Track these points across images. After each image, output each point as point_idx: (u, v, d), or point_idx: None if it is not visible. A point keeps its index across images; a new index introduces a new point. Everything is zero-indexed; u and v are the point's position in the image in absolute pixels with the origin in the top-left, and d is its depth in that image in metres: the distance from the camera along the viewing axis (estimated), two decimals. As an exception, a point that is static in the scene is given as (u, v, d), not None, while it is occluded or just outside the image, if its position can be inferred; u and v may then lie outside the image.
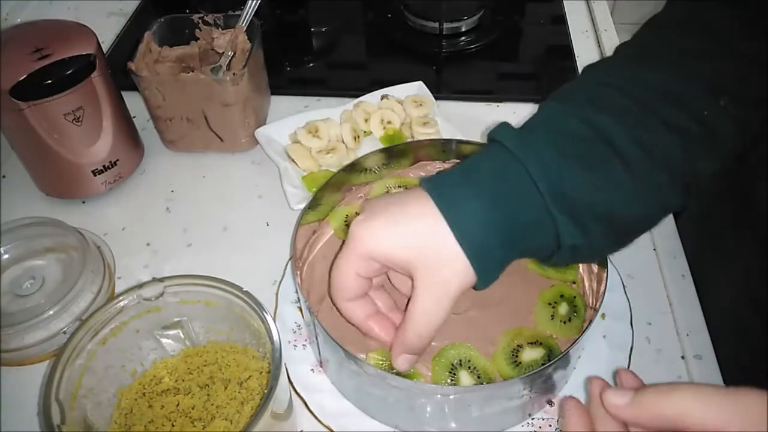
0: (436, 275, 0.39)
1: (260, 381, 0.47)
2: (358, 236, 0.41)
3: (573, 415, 0.35)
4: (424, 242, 0.39)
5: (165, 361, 0.49)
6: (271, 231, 0.65)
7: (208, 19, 0.73)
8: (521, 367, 0.48)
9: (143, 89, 0.67)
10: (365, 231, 0.41)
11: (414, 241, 0.39)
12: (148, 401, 0.47)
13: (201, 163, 0.72)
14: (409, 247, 0.39)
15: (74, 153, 0.64)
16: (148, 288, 0.46)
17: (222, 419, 0.45)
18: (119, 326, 0.46)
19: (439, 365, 0.48)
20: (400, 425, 0.48)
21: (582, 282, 0.54)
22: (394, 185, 0.61)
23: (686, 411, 0.30)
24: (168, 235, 0.65)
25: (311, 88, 0.81)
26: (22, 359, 0.54)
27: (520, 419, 0.49)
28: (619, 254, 0.58)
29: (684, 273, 0.60)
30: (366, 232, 0.40)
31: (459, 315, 0.52)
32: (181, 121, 0.69)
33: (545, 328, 0.50)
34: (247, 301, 0.45)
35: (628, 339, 0.52)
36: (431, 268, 0.39)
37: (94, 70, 0.61)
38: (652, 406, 0.32)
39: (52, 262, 0.58)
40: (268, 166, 0.70)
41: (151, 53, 0.71)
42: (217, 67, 0.70)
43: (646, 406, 0.32)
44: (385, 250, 0.40)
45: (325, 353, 0.49)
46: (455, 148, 0.60)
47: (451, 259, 0.39)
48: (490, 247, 0.39)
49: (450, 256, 0.39)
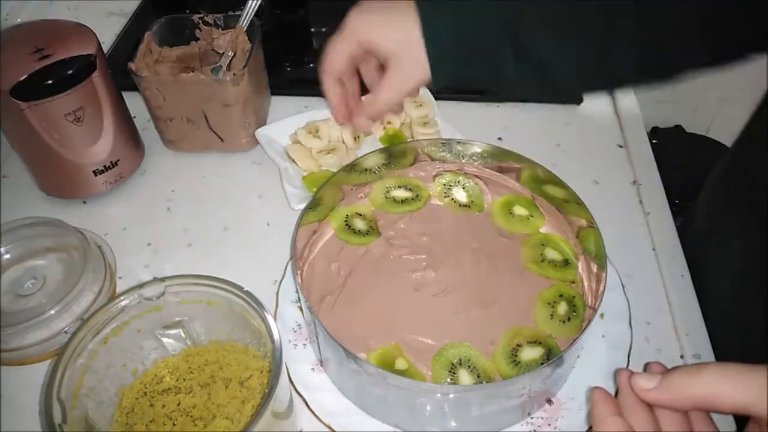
0: (405, 65, 0.51)
1: (261, 380, 0.47)
2: (356, 25, 0.51)
3: (600, 404, 0.36)
4: (402, 41, 0.51)
5: (166, 360, 0.50)
6: (271, 231, 0.65)
7: (209, 19, 0.73)
8: (520, 366, 0.48)
9: (144, 89, 0.67)
10: (363, 23, 0.52)
11: (396, 38, 0.51)
12: (149, 400, 0.47)
13: (201, 163, 0.72)
14: (392, 42, 0.51)
15: (75, 153, 0.64)
16: (149, 288, 0.46)
17: (223, 418, 0.46)
18: (120, 326, 0.46)
19: (439, 364, 0.48)
20: (400, 424, 0.49)
21: (581, 281, 0.54)
22: (394, 185, 0.62)
23: (715, 391, 0.32)
24: (169, 234, 0.65)
25: (311, 89, 0.80)
26: (23, 359, 0.54)
27: (520, 418, 0.49)
28: (619, 254, 0.58)
29: (683, 273, 0.60)
30: (363, 24, 0.52)
31: (459, 314, 0.52)
32: (182, 122, 0.69)
33: (544, 328, 0.51)
34: (248, 300, 0.45)
35: (627, 338, 0.52)
36: (403, 59, 0.51)
37: (94, 70, 0.61)
38: (681, 387, 0.33)
39: (53, 262, 0.58)
40: (269, 166, 0.70)
41: (151, 53, 0.71)
42: (217, 68, 0.70)
43: (674, 388, 0.33)
44: (375, 39, 0.51)
45: (326, 352, 0.49)
46: (455, 148, 0.61)
47: (418, 57, 0.50)
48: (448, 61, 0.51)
49: (419, 57, 0.50)
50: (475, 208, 0.61)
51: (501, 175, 0.61)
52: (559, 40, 0.49)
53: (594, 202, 0.55)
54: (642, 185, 0.69)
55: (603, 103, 0.79)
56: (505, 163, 0.60)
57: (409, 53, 0.50)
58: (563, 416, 0.49)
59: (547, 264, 0.55)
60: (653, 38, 0.48)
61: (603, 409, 0.36)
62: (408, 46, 0.50)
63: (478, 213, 0.60)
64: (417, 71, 0.51)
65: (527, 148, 0.59)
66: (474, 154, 0.61)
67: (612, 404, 0.36)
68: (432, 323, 0.51)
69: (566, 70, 0.51)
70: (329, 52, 0.53)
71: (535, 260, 0.55)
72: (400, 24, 0.50)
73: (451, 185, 0.62)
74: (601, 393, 0.37)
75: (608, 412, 0.36)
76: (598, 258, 0.52)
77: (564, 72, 0.51)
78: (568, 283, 0.54)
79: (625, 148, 0.73)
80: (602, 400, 0.36)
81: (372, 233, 0.58)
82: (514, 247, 0.57)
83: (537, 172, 0.58)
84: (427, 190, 0.62)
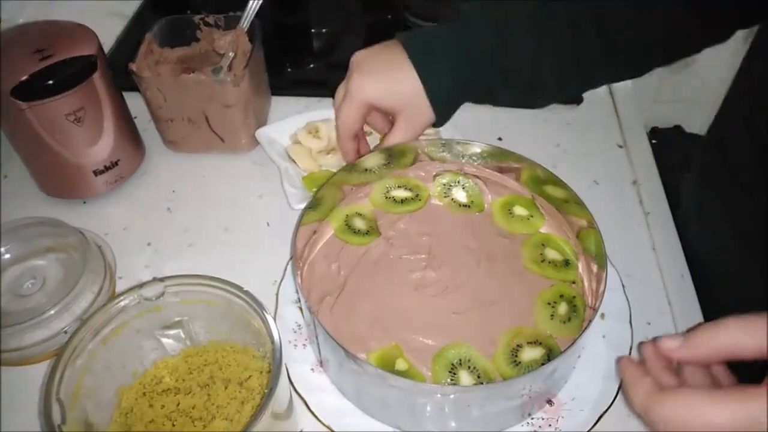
0: (412, 114, 0.59)
1: (260, 381, 0.47)
2: (360, 89, 0.58)
3: (629, 369, 0.39)
4: (407, 97, 0.58)
5: (165, 360, 0.50)
6: (271, 231, 0.65)
7: (209, 20, 0.74)
8: (521, 366, 0.48)
9: (144, 90, 0.67)
10: (367, 86, 0.58)
11: (400, 96, 0.58)
12: (148, 401, 0.47)
13: (202, 164, 0.72)
14: (396, 99, 0.58)
15: (75, 153, 0.64)
16: (148, 288, 0.46)
17: (222, 419, 0.46)
18: (120, 326, 0.46)
19: (439, 365, 0.48)
20: (401, 425, 0.48)
21: (581, 282, 0.54)
22: (394, 185, 0.62)
23: (738, 340, 0.35)
24: (169, 235, 0.65)
25: (312, 89, 0.81)
26: (23, 359, 0.54)
27: (520, 419, 0.49)
28: (619, 254, 0.58)
29: (683, 272, 0.60)
30: (368, 87, 0.58)
31: (459, 315, 0.52)
32: (182, 122, 0.69)
33: (545, 328, 0.51)
34: (248, 300, 0.45)
35: (627, 338, 0.52)
36: (409, 112, 0.59)
37: (95, 70, 0.61)
38: (706, 342, 0.36)
39: (52, 262, 0.58)
40: (269, 166, 0.70)
41: (152, 54, 0.71)
42: (218, 68, 0.70)
43: (699, 343, 0.37)
44: (382, 99, 0.58)
45: (326, 353, 0.49)
46: (455, 148, 0.61)
47: (423, 108, 0.58)
48: (448, 101, 0.59)
49: (423, 106, 0.58)
50: (475, 208, 0.61)
51: (501, 176, 0.61)
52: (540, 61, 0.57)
53: (594, 203, 0.55)
54: (642, 185, 0.69)
55: (603, 104, 0.79)
56: (505, 163, 0.60)
57: (415, 104, 0.58)
58: (563, 417, 0.49)
59: (548, 264, 0.55)
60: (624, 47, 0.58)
61: (633, 373, 0.38)
62: (413, 99, 0.58)
63: (478, 213, 0.60)
64: (423, 117, 0.59)
65: (527, 148, 0.59)
66: (474, 154, 0.61)
67: (640, 368, 0.39)
68: (432, 323, 0.51)
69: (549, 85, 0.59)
70: (341, 116, 0.59)
71: (535, 260, 0.55)
72: (402, 81, 0.57)
73: (451, 185, 0.62)
74: (627, 359, 0.40)
75: (638, 375, 0.38)
76: (598, 258, 0.52)
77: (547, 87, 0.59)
78: (569, 283, 0.54)
79: (625, 148, 0.73)
80: (630, 365, 0.39)
81: (372, 233, 0.58)
82: (514, 248, 0.57)
83: (537, 173, 0.58)
84: (427, 190, 0.62)
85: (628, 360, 0.40)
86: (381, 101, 0.58)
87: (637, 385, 0.37)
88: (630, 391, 0.38)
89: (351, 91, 0.58)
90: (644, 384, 0.37)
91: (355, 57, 0.59)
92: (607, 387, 0.49)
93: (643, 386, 0.37)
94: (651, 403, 0.36)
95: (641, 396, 0.37)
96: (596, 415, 0.48)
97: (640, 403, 0.37)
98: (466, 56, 0.57)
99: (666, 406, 0.35)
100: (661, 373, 0.38)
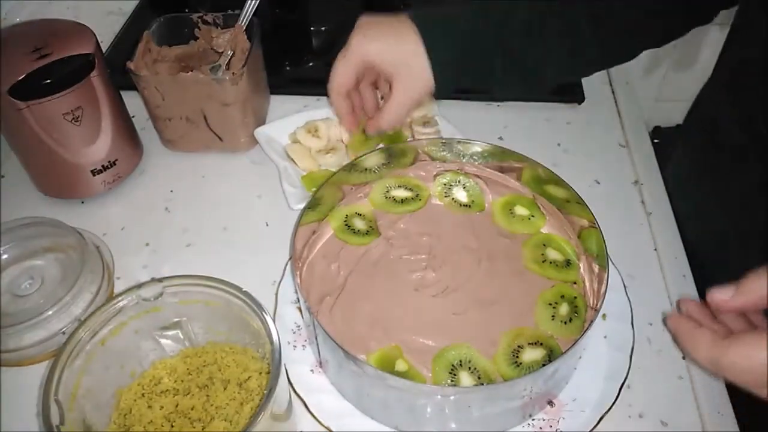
0: (411, 77, 0.56)
1: (260, 381, 0.47)
2: (360, 45, 0.55)
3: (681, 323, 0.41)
4: (406, 57, 0.55)
5: (164, 361, 0.49)
6: (270, 231, 0.65)
7: (208, 18, 0.73)
8: (522, 367, 0.48)
9: (142, 89, 0.67)
10: (367, 44, 0.55)
11: (399, 56, 0.55)
12: (147, 402, 0.47)
13: (200, 163, 0.72)
14: (395, 59, 0.55)
15: (73, 153, 0.63)
16: (147, 288, 0.46)
17: (221, 420, 0.45)
18: (118, 326, 0.46)
19: (440, 366, 0.48)
20: (400, 426, 0.48)
21: (583, 282, 0.54)
22: (394, 185, 0.61)
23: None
24: (167, 235, 0.65)
25: (311, 88, 0.81)
26: (21, 359, 0.54)
27: (521, 420, 0.48)
28: (620, 254, 0.58)
29: (685, 273, 0.60)
30: (367, 44, 0.55)
31: (459, 315, 0.51)
32: (181, 121, 0.69)
33: (546, 329, 0.50)
34: (247, 301, 0.45)
35: (629, 339, 0.52)
36: (407, 73, 0.56)
37: (93, 69, 0.61)
38: (757, 289, 0.38)
39: (51, 262, 0.58)
40: (268, 165, 0.70)
41: (150, 53, 0.71)
42: (216, 67, 0.69)
43: (751, 290, 0.38)
44: (380, 56, 0.55)
45: (325, 354, 0.49)
46: (455, 148, 0.60)
47: (422, 71, 0.55)
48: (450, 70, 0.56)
49: (422, 69, 0.55)
50: (475, 207, 0.60)
51: (502, 175, 0.60)
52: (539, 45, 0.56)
53: (595, 202, 0.54)
54: (644, 185, 0.68)
55: (604, 103, 0.78)
56: (505, 162, 0.59)
57: (414, 67, 0.55)
58: (564, 418, 0.48)
59: (549, 264, 0.55)
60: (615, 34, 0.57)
61: (689, 327, 0.40)
62: (412, 60, 0.55)
63: (479, 213, 0.60)
64: (421, 82, 0.56)
65: (528, 147, 0.59)
66: (474, 154, 0.60)
67: (692, 321, 0.40)
68: (432, 324, 0.51)
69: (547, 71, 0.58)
70: (335, 71, 0.57)
71: (536, 260, 0.55)
72: (402, 41, 0.55)
73: (451, 185, 0.62)
74: (676, 316, 0.42)
75: (694, 328, 0.40)
76: (599, 258, 0.51)
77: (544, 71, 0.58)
78: (570, 283, 0.53)
79: (627, 147, 0.73)
80: (681, 320, 0.41)
81: (372, 233, 0.58)
82: (515, 248, 0.56)
83: (538, 172, 0.57)
84: (427, 189, 0.62)
85: (678, 317, 0.41)
86: (380, 58, 0.56)
87: (697, 337, 0.39)
88: (691, 344, 0.39)
89: (350, 46, 0.56)
90: (705, 334, 0.38)
91: (361, 19, 0.57)
92: (609, 388, 0.49)
93: (704, 337, 0.38)
94: (720, 350, 0.37)
95: (706, 346, 0.38)
96: (597, 415, 0.48)
97: (706, 353, 0.38)
98: (469, 27, 0.56)
99: (739, 351, 0.36)
100: (712, 323, 0.40)
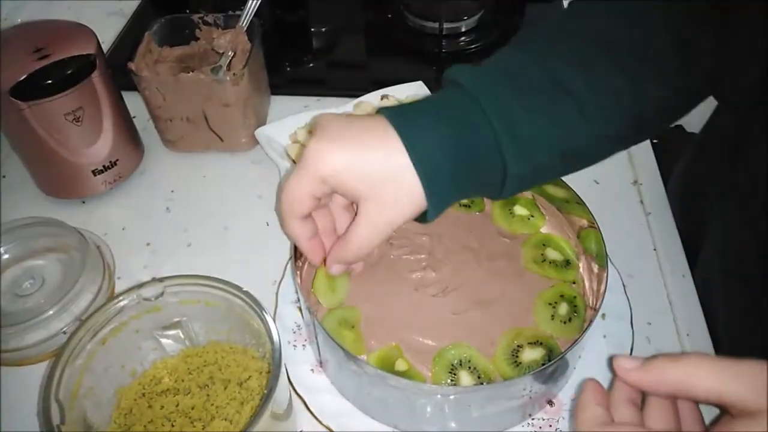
0: (388, 198, 0.40)
1: (260, 381, 0.47)
2: (315, 159, 0.40)
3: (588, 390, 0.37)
4: (383, 176, 0.40)
5: (165, 361, 0.49)
6: (270, 231, 0.65)
7: (209, 19, 0.73)
8: (521, 367, 0.48)
9: (143, 89, 0.67)
10: (323, 155, 0.40)
11: (371, 174, 0.40)
12: (147, 401, 0.47)
13: (201, 163, 0.72)
14: (365, 180, 0.40)
15: (74, 153, 0.64)
16: (147, 288, 0.46)
17: (222, 419, 0.45)
18: (119, 326, 0.46)
19: (440, 365, 0.48)
20: (400, 425, 0.48)
21: (582, 282, 0.54)
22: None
23: (691, 377, 0.32)
24: (168, 235, 0.65)
25: (311, 88, 0.81)
26: (22, 359, 0.54)
27: (521, 419, 0.49)
28: (620, 254, 0.58)
29: (684, 273, 0.60)
30: (323, 157, 0.40)
31: (459, 315, 0.52)
32: (181, 121, 0.69)
33: (545, 329, 0.50)
34: (247, 301, 0.45)
35: (628, 339, 0.52)
36: (382, 195, 0.40)
37: (94, 70, 0.61)
38: (660, 370, 0.34)
39: (52, 262, 0.58)
40: (268, 166, 0.70)
41: (151, 53, 0.71)
42: (217, 67, 0.70)
43: (654, 370, 0.34)
44: (342, 178, 0.40)
45: (325, 353, 0.49)
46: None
47: (407, 188, 0.40)
48: (443, 174, 0.40)
49: (406, 186, 0.40)
50: (475, 207, 0.60)
51: (501, 175, 0.60)
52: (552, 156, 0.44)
53: (595, 202, 0.54)
54: (643, 185, 0.68)
55: (604, 103, 0.78)
56: (505, 162, 0.59)
57: (394, 183, 0.40)
58: (564, 417, 0.49)
59: (548, 264, 0.55)
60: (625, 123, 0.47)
61: (588, 395, 0.37)
62: (391, 172, 0.40)
63: (479, 213, 0.60)
64: (402, 201, 0.40)
65: (528, 147, 0.59)
66: (474, 154, 0.60)
67: (599, 394, 0.37)
68: (432, 324, 0.51)
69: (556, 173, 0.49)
70: (286, 193, 0.42)
71: (535, 260, 0.55)
72: (376, 147, 0.40)
73: (451, 185, 0.62)
74: (591, 382, 0.38)
75: (592, 400, 0.36)
76: (599, 258, 0.52)
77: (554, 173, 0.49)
78: (569, 283, 0.54)
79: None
80: (591, 388, 0.37)
81: (372, 233, 0.58)
82: (514, 248, 0.57)
83: (538, 172, 0.57)
84: (427, 190, 0.62)
85: (593, 382, 0.38)
86: (343, 180, 0.40)
87: (587, 409, 0.36)
88: (579, 413, 0.36)
89: (304, 157, 0.41)
90: (594, 411, 0.36)
91: (320, 118, 0.42)
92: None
93: (591, 412, 0.36)
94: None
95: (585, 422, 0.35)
96: (597, 415, 0.48)
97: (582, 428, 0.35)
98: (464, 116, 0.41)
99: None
100: (620, 403, 0.36)
